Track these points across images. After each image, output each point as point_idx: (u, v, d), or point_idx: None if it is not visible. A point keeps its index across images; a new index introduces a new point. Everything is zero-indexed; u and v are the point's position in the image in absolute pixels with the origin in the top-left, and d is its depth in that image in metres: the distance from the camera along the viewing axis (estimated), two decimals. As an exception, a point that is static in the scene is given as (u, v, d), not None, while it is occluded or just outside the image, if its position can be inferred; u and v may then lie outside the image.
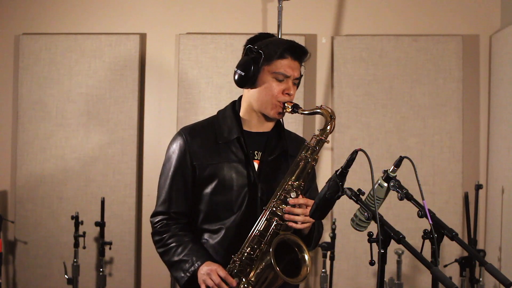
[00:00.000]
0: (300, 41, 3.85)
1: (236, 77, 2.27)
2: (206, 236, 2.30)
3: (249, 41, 2.32)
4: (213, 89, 4.10)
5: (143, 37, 4.20)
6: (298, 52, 2.27)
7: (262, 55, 2.23)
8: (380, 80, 4.07)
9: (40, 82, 4.17)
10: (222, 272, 2.17)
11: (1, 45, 4.27)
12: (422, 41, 4.07)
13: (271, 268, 2.10)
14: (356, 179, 3.55)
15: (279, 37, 3.51)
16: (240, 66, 2.27)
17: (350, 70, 4.08)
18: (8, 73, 4.25)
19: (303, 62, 2.31)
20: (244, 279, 2.15)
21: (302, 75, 2.34)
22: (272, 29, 3.90)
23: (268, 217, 2.18)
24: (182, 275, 2.23)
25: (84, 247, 3.82)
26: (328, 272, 3.75)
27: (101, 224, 3.83)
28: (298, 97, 3.15)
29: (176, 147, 2.32)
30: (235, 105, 2.36)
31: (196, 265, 2.20)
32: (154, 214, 2.36)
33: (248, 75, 2.24)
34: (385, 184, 1.95)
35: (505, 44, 3.84)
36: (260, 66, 2.24)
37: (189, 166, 2.29)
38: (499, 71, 3.92)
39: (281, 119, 2.37)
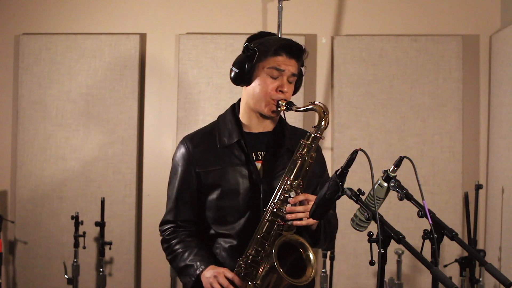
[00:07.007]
0: (300, 41, 3.84)
1: (232, 74, 2.27)
2: (220, 240, 2.29)
3: (248, 39, 2.31)
4: (213, 89, 4.10)
5: (143, 37, 4.20)
6: (293, 50, 2.25)
7: (256, 52, 2.22)
8: (380, 80, 4.07)
9: (40, 82, 4.16)
10: (230, 274, 2.16)
11: (1, 45, 4.26)
12: (422, 41, 4.07)
13: (275, 270, 2.08)
14: (356, 179, 3.55)
15: (279, 36, 3.50)
16: (235, 64, 2.27)
17: (350, 70, 4.08)
18: (8, 73, 4.25)
19: (300, 60, 2.28)
20: (250, 282, 2.14)
21: (303, 75, 2.32)
22: (272, 29, 3.85)
23: (270, 218, 2.16)
24: (188, 279, 2.22)
25: (84, 247, 3.81)
26: (328, 272, 3.75)
27: (101, 224, 3.83)
28: (298, 97, 3.14)
29: (179, 156, 2.33)
30: (235, 108, 2.35)
31: (201, 268, 2.19)
32: (162, 223, 2.37)
33: (243, 72, 2.24)
34: (385, 184, 1.95)
35: (505, 44, 3.84)
36: (255, 63, 2.23)
37: (193, 174, 2.29)
38: (499, 71, 3.92)
39: (283, 116, 2.33)
